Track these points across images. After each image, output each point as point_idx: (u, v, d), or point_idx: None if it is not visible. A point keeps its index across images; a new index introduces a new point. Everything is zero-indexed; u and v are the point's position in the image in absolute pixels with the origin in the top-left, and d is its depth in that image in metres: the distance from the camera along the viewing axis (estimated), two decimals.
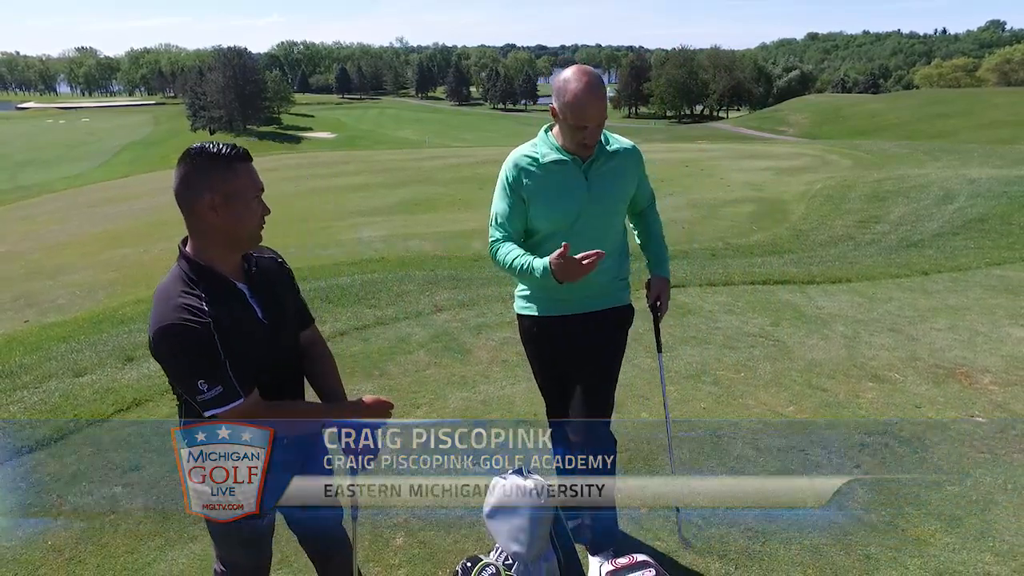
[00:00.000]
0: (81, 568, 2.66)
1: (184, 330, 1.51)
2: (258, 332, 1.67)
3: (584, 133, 2.10)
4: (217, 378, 1.55)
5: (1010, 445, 3.40)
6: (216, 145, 1.58)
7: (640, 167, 2.34)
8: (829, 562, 2.56)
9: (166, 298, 1.56)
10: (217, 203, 1.56)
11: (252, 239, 1.67)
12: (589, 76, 2.06)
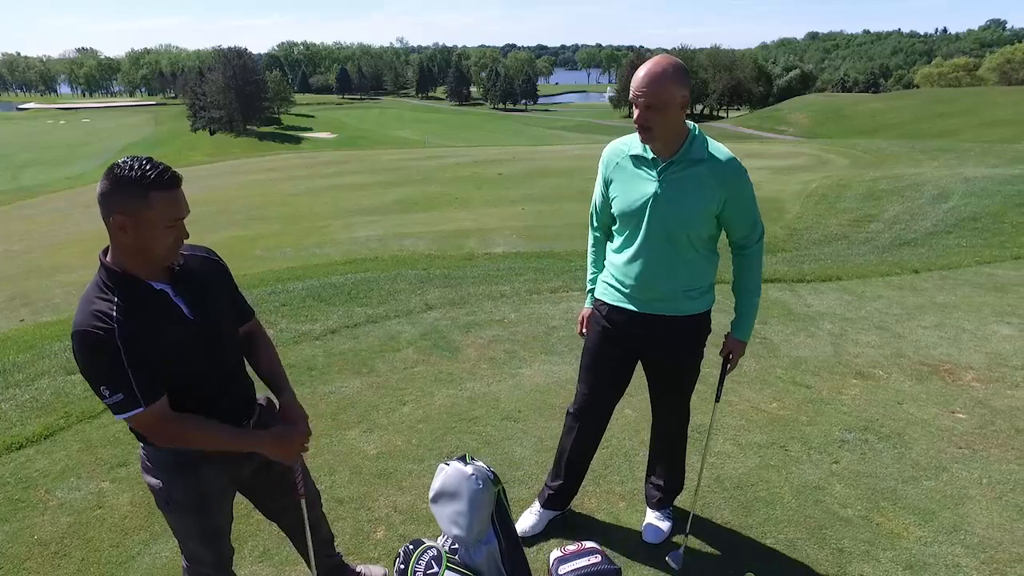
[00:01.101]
0: (66, 562, 2.69)
1: (90, 336, 1.56)
2: (185, 330, 1.69)
3: (637, 110, 2.07)
4: (119, 385, 1.58)
5: (988, 441, 3.44)
6: (140, 168, 1.56)
7: (731, 186, 2.14)
8: (803, 555, 2.60)
9: (82, 304, 1.61)
10: (127, 225, 1.57)
11: (161, 260, 1.67)
12: (655, 59, 2.06)
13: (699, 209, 2.14)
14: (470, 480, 1.10)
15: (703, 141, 2.16)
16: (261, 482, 1.97)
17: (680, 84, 2.04)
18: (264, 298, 6.09)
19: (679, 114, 2.08)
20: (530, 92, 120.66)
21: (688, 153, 2.12)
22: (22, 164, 48.76)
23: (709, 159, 2.13)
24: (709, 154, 2.13)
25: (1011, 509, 2.87)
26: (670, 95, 2.02)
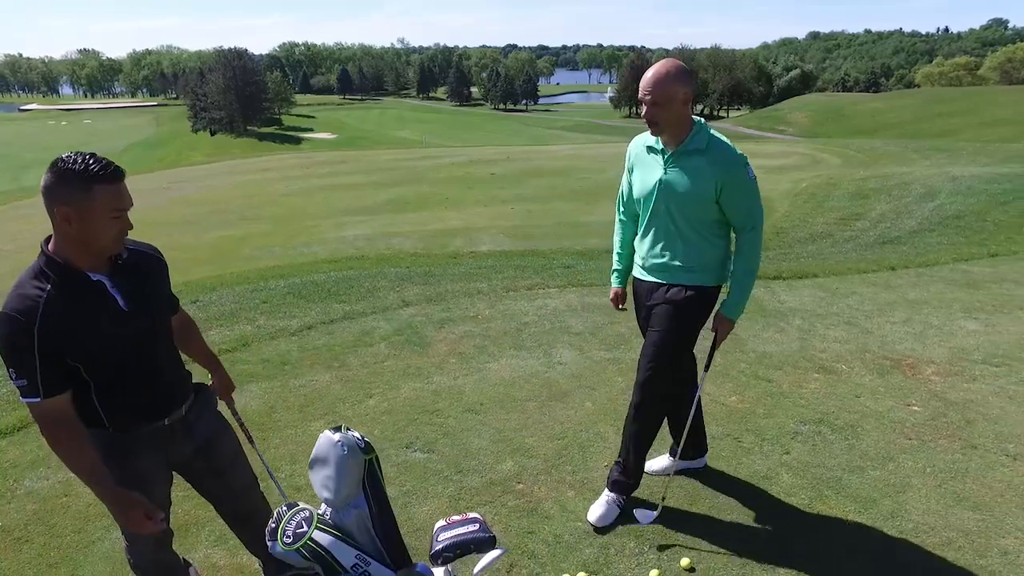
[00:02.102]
0: (28, 547, 2.78)
1: (11, 320, 1.62)
2: (118, 321, 1.76)
3: (644, 106, 2.35)
4: (24, 372, 1.65)
5: (938, 432, 3.50)
6: (84, 162, 1.62)
7: (726, 174, 2.36)
8: (742, 541, 2.67)
9: (14, 288, 1.67)
10: (71, 216, 1.64)
11: (106, 251, 1.74)
12: (660, 63, 2.34)
13: (695, 193, 2.39)
14: (336, 447, 1.18)
15: (706, 133, 2.40)
16: (200, 465, 2.05)
17: (682, 82, 2.31)
18: (246, 295, 6.19)
19: (682, 109, 2.34)
20: (531, 92, 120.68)
21: (691, 144, 2.39)
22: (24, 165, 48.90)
23: (708, 149, 2.37)
24: (709, 145, 2.38)
25: (949, 496, 2.94)
26: (673, 92, 2.30)
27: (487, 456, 3.27)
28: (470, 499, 2.93)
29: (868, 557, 2.57)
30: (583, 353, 4.55)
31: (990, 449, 3.33)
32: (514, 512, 2.83)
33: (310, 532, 1.14)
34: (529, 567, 2.51)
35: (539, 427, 3.54)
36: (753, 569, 2.50)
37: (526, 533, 2.70)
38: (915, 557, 2.56)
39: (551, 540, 2.65)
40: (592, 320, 5.20)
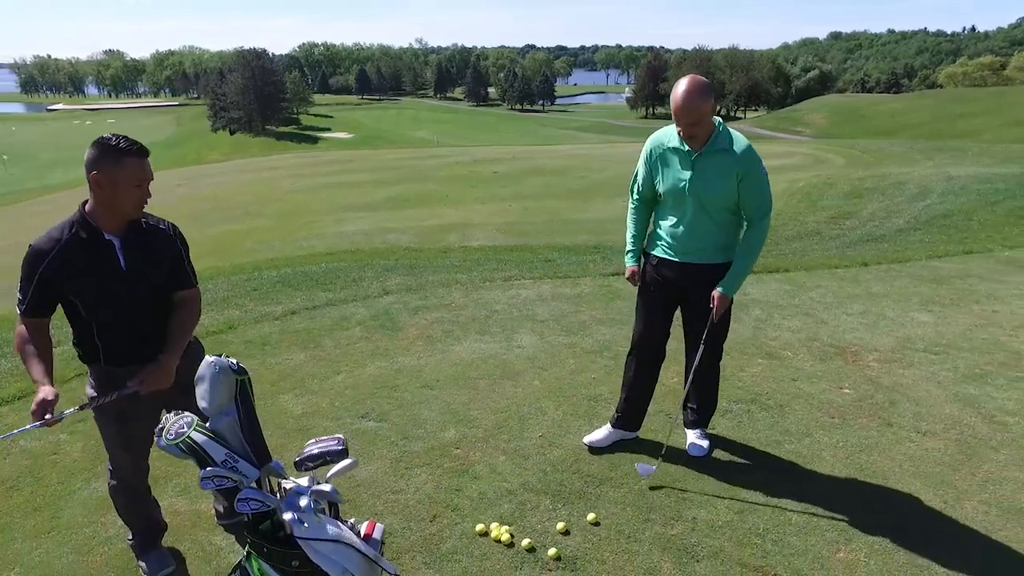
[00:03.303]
0: (17, 494, 3.14)
1: (33, 251, 2.11)
2: (115, 276, 2.17)
3: (680, 127, 2.67)
4: (24, 290, 2.14)
5: (861, 412, 3.73)
6: (118, 140, 2.08)
7: (745, 170, 2.69)
8: (648, 502, 2.93)
9: (49, 230, 2.16)
10: (102, 181, 2.08)
11: (127, 215, 2.17)
12: (688, 83, 2.61)
13: (722, 188, 2.74)
14: (211, 367, 1.47)
15: (727, 134, 2.73)
16: (182, 402, 2.28)
17: (708, 98, 2.62)
18: (239, 284, 6.56)
19: (710, 117, 2.69)
20: (547, 92, 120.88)
21: (714, 145, 2.71)
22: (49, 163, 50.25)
23: (730, 149, 2.70)
24: (730, 145, 2.71)
25: (853, 467, 3.18)
26: (703, 112, 2.62)
27: (432, 425, 3.57)
28: (410, 461, 3.23)
29: (766, 518, 2.82)
30: (543, 338, 4.83)
31: (904, 427, 3.56)
32: (447, 472, 3.13)
33: (188, 432, 1.44)
34: (450, 518, 2.80)
35: (486, 402, 3.83)
36: (653, 524, 2.77)
37: (454, 490, 2.99)
38: (814, 519, 2.80)
39: (475, 496, 2.94)
40: (558, 308, 5.47)
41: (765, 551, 2.61)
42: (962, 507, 2.87)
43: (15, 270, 2.19)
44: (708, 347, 3.07)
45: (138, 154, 2.10)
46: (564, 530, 2.70)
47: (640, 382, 3.29)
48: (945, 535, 2.70)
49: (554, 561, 2.54)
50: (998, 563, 2.54)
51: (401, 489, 3.02)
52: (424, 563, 2.56)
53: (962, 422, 3.60)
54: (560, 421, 3.62)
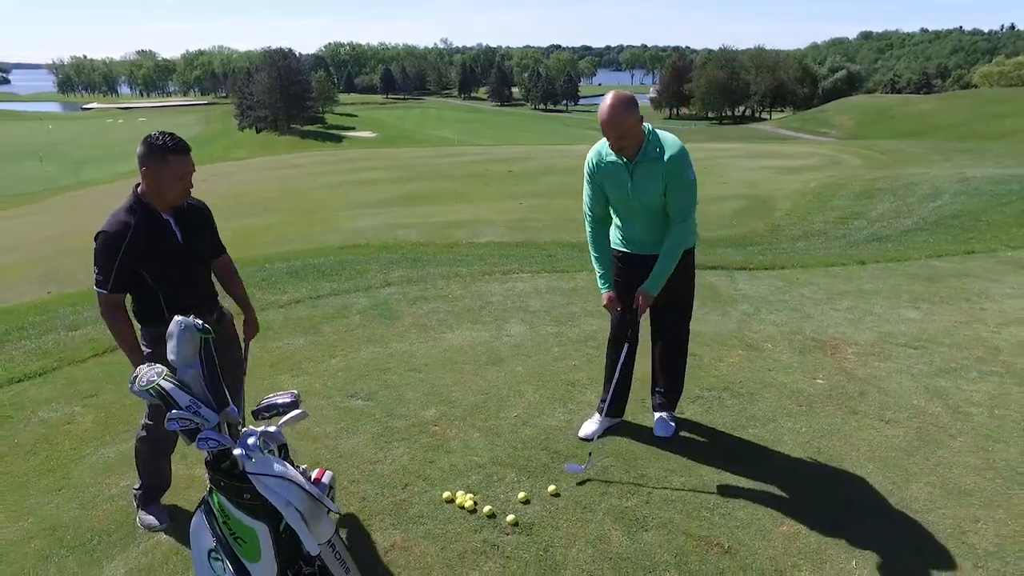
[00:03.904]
0: (34, 457, 3.43)
1: (109, 235, 2.42)
2: (176, 249, 2.56)
3: (610, 140, 2.89)
4: (104, 271, 2.44)
5: (829, 401, 3.86)
6: (163, 138, 2.43)
7: (671, 176, 2.89)
8: (608, 477, 3.10)
9: (112, 216, 2.48)
10: (150, 175, 2.45)
11: (172, 203, 2.54)
12: (612, 99, 2.82)
13: (655, 191, 2.95)
14: (179, 324, 1.70)
15: (656, 142, 2.93)
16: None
17: (631, 111, 2.81)
18: (250, 274, 6.83)
19: (637, 129, 2.86)
20: (571, 93, 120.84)
21: (646, 154, 2.92)
22: (83, 161, 51.75)
23: (659, 157, 2.90)
24: (659, 153, 2.90)
25: (811, 452, 3.32)
26: (628, 124, 2.81)
27: (415, 405, 3.79)
28: (390, 436, 3.46)
29: (718, 494, 2.97)
30: (532, 328, 5.03)
31: (868, 415, 3.68)
32: (423, 447, 3.34)
33: (158, 380, 1.67)
34: (420, 486, 3.02)
35: (469, 384, 4.04)
36: (609, 497, 2.95)
37: (427, 462, 3.21)
38: (764, 497, 2.95)
39: (446, 468, 3.15)
40: (551, 301, 5.66)
41: (712, 523, 2.78)
42: (908, 488, 3.00)
43: (48, 260, 2.47)
44: (670, 333, 3.24)
45: (181, 151, 2.44)
46: (525, 500, 2.90)
47: (625, 365, 3.41)
48: (886, 512, 2.84)
49: (511, 527, 2.74)
50: (930, 538, 2.68)
51: (379, 460, 3.24)
52: (392, 525, 2.78)
53: (927, 412, 3.71)
54: (536, 403, 3.81)
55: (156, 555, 2.64)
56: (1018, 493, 2.94)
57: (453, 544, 2.65)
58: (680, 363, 3.49)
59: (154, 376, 1.68)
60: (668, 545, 2.64)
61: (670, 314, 3.34)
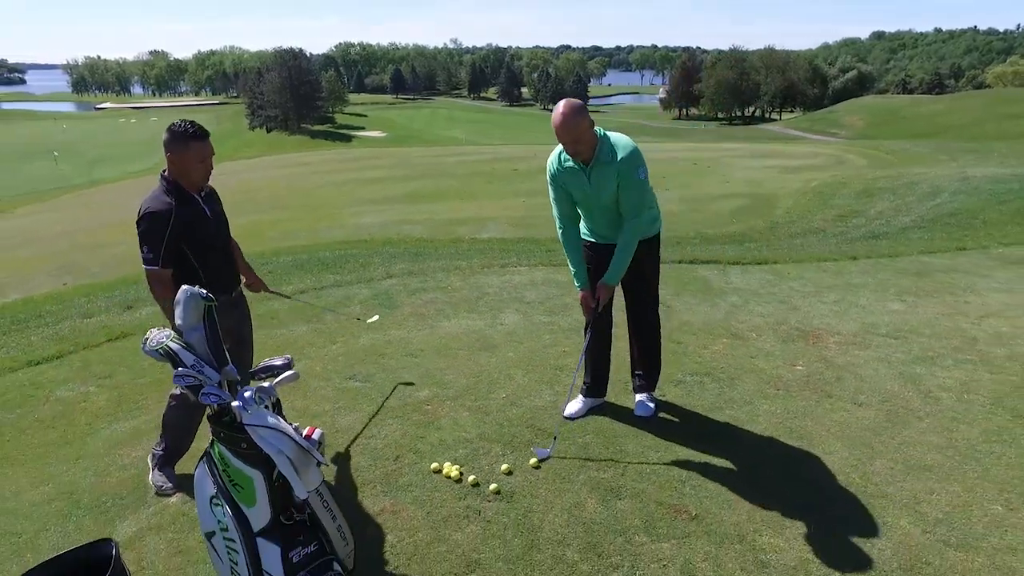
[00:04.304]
0: (52, 431, 3.67)
1: (156, 214, 2.68)
2: (208, 222, 2.88)
3: (564, 144, 3.05)
4: (153, 248, 2.69)
5: (805, 386, 4.02)
6: (184, 126, 2.73)
7: (622, 176, 3.06)
8: (587, 452, 3.29)
9: (150, 198, 2.75)
10: (175, 160, 2.75)
11: (195, 185, 2.82)
12: (564, 107, 2.99)
13: (611, 190, 3.12)
14: (185, 292, 1.91)
15: (608, 145, 3.08)
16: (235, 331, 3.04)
17: (582, 116, 2.97)
18: (256, 267, 7.01)
19: (590, 134, 3.01)
20: (580, 93, 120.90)
21: (599, 157, 3.09)
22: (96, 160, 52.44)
23: (612, 159, 3.06)
24: (612, 156, 3.06)
25: (782, 430, 3.49)
26: (581, 129, 2.97)
27: (410, 387, 4.00)
28: (384, 415, 3.66)
29: (691, 468, 3.15)
30: (526, 317, 5.23)
31: (842, 399, 3.84)
32: (415, 424, 3.55)
33: (166, 342, 1.88)
34: (411, 459, 3.22)
35: (462, 368, 4.24)
36: (587, 470, 3.14)
37: (418, 438, 3.41)
38: (734, 471, 3.12)
39: (436, 443, 3.36)
40: (546, 292, 5.85)
41: (683, 493, 2.96)
42: (871, 464, 3.17)
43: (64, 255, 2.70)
44: (642, 319, 3.47)
45: (201, 137, 2.74)
46: (507, 471, 3.10)
47: (599, 351, 3.65)
48: (848, 485, 3.01)
49: (494, 495, 2.94)
50: (886, 508, 2.84)
51: (373, 435, 3.45)
52: (383, 492, 2.98)
53: (899, 396, 3.86)
54: (525, 386, 4.00)
55: (165, 516, 2.87)
56: (973, 468, 3.11)
57: (438, 509, 2.85)
58: (654, 347, 3.66)
59: (163, 338, 1.89)
60: (639, 512, 2.83)
61: (640, 299, 3.52)
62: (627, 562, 2.54)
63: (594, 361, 3.67)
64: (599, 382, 3.70)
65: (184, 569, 2.55)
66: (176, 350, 1.85)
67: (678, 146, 31.54)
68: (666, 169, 17.03)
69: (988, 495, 2.91)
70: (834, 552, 2.59)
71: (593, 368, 3.68)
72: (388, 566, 2.53)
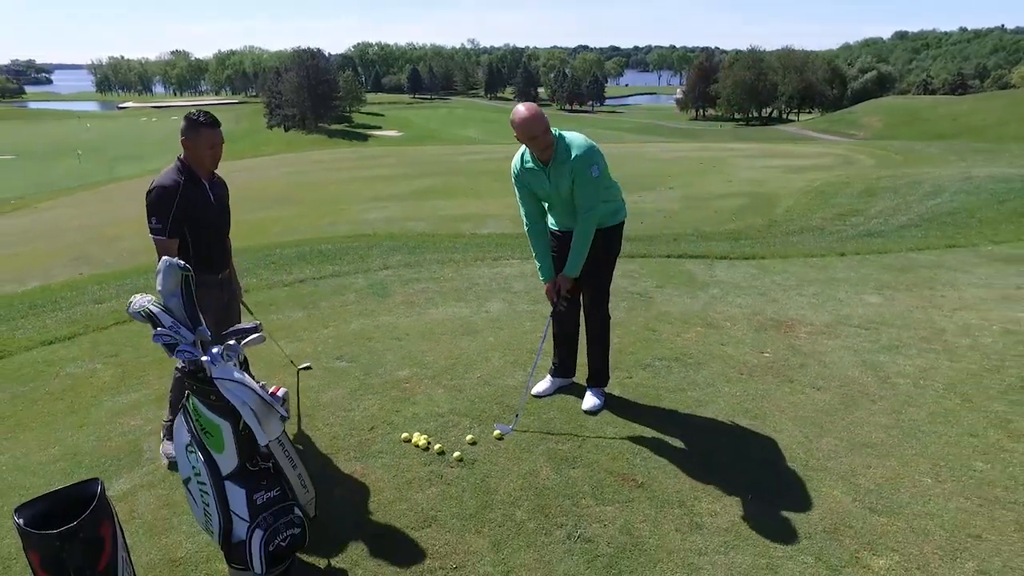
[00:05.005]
0: (60, 403, 3.97)
1: (165, 188, 2.93)
2: (211, 206, 3.12)
3: (523, 142, 3.28)
4: (161, 219, 2.93)
5: (768, 370, 4.20)
6: (198, 115, 2.99)
7: (576, 175, 3.27)
8: (549, 427, 3.51)
9: (163, 175, 3.01)
10: (188, 145, 3.01)
11: (206, 169, 3.08)
12: (523, 108, 3.22)
13: (568, 187, 3.34)
14: (164, 262, 2.15)
15: (564, 145, 3.30)
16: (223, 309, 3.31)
17: (540, 121, 3.19)
18: (260, 258, 7.41)
19: (547, 135, 3.23)
20: (597, 93, 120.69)
21: (556, 157, 3.31)
22: (117, 158, 53.50)
23: (567, 158, 3.28)
24: (567, 155, 3.28)
25: (738, 410, 3.68)
26: (539, 129, 3.20)
27: (392, 366, 4.25)
28: (365, 391, 3.91)
29: (644, 441, 3.36)
30: (510, 306, 5.46)
31: (802, 383, 4.02)
32: (392, 400, 3.80)
33: (147, 304, 2.14)
34: (384, 429, 3.47)
35: (442, 351, 4.48)
36: (547, 442, 3.36)
37: (394, 411, 3.66)
38: (685, 444, 3.33)
39: (409, 416, 3.60)
40: (534, 283, 6.07)
41: (633, 464, 3.18)
42: (818, 442, 3.35)
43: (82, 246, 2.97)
44: (590, 316, 3.67)
45: (211, 126, 3.00)
46: (472, 441, 3.33)
47: (566, 335, 3.88)
48: (791, 460, 3.20)
49: (457, 462, 3.17)
50: (823, 479, 3.03)
51: (352, 409, 3.70)
52: (355, 458, 3.23)
53: (857, 381, 4.03)
54: (500, 368, 4.23)
55: (156, 475, 3.14)
56: (913, 445, 3.29)
57: (404, 473, 3.10)
58: (602, 341, 3.74)
59: (145, 302, 2.15)
60: (589, 479, 3.05)
61: (587, 292, 3.65)
62: (571, 521, 2.76)
63: (562, 344, 3.89)
64: (566, 363, 3.92)
65: (170, 520, 2.82)
66: (156, 312, 2.11)
67: (687, 146, 31.56)
68: (672, 168, 17.14)
69: (921, 469, 3.09)
70: (766, 517, 2.79)
71: (561, 350, 3.90)
72: (353, 520, 2.78)
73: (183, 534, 2.71)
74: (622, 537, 2.67)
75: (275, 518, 2.20)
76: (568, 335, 3.87)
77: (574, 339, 3.91)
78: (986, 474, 3.04)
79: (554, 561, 2.54)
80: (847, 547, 2.60)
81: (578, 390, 3.91)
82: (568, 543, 2.63)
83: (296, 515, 2.27)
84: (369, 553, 2.59)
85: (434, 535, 2.68)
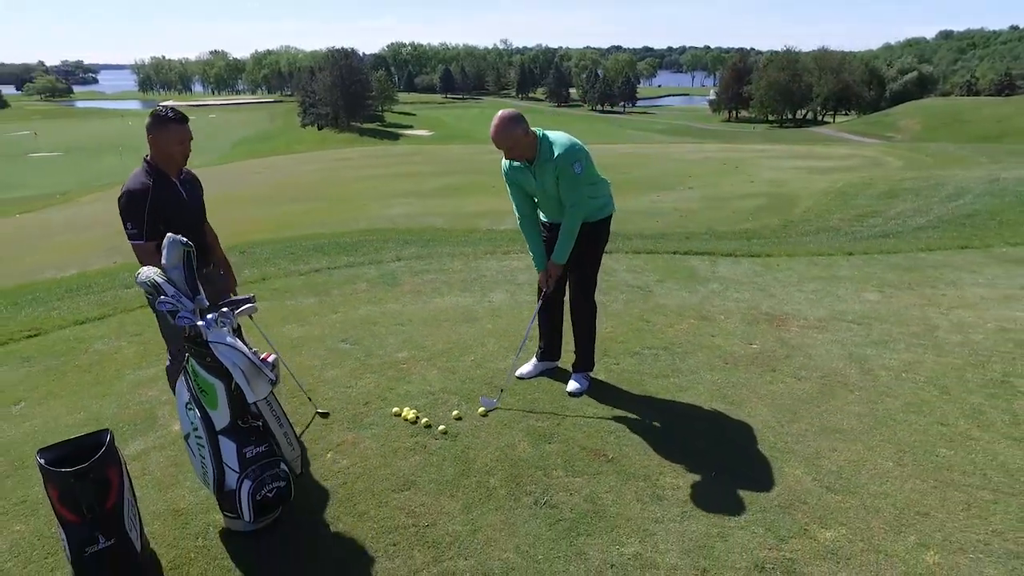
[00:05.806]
0: (88, 375, 4.33)
1: (135, 193, 2.92)
2: (183, 204, 3.12)
3: (502, 151, 3.47)
4: (137, 224, 2.92)
5: (753, 361, 4.33)
6: (166, 111, 2.97)
7: (560, 172, 3.44)
8: (532, 407, 3.70)
9: (131, 178, 2.98)
10: (155, 141, 2.98)
11: (174, 165, 3.06)
12: (497, 119, 3.37)
13: (552, 185, 3.53)
14: (168, 238, 2.41)
15: (547, 145, 3.46)
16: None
17: (517, 125, 3.35)
18: (280, 249, 7.76)
19: (526, 140, 3.39)
20: (628, 94, 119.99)
21: (540, 157, 3.48)
22: None
23: (550, 156, 3.44)
24: (550, 154, 3.44)
25: (717, 397, 3.82)
26: (515, 137, 3.35)
27: (391, 348, 4.50)
28: (364, 370, 4.17)
29: (621, 421, 3.54)
30: (512, 296, 5.67)
31: (784, 372, 4.15)
32: (389, 378, 4.04)
33: (153, 276, 2.41)
34: (378, 404, 3.71)
35: (442, 336, 4.71)
36: (528, 419, 3.56)
37: (389, 389, 3.90)
38: (659, 424, 3.49)
39: (403, 393, 3.84)
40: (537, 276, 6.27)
41: (606, 441, 3.36)
42: (790, 427, 3.48)
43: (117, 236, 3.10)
44: (575, 304, 3.85)
45: (180, 121, 2.96)
46: (458, 417, 3.55)
47: (552, 320, 4.07)
48: (760, 443, 3.34)
49: (441, 434, 3.40)
50: (788, 460, 3.17)
51: (350, 386, 3.96)
52: (347, 429, 3.48)
53: (839, 372, 4.13)
54: (494, 352, 4.45)
55: (167, 437, 3.44)
56: (881, 432, 3.40)
57: (391, 443, 3.33)
58: (587, 329, 3.90)
59: (151, 274, 2.42)
60: (563, 453, 3.24)
61: (574, 281, 3.83)
62: (540, 489, 2.96)
63: (548, 328, 4.09)
64: (552, 347, 4.12)
65: (176, 477, 3.10)
66: (160, 283, 2.38)
67: (714, 147, 31.33)
68: (695, 169, 17.14)
69: (885, 454, 3.21)
70: (725, 491, 2.95)
71: (547, 334, 4.10)
72: (338, 481, 3.02)
73: (186, 489, 2.99)
74: (585, 505, 2.86)
75: (262, 471, 2.45)
76: (554, 321, 4.07)
77: (559, 325, 4.10)
78: (947, 459, 3.15)
79: (519, 523, 2.75)
80: (798, 520, 2.74)
81: (565, 375, 4.09)
82: (534, 508, 2.83)
83: (282, 469, 2.52)
84: (349, 511, 2.83)
85: (412, 497, 2.91)
